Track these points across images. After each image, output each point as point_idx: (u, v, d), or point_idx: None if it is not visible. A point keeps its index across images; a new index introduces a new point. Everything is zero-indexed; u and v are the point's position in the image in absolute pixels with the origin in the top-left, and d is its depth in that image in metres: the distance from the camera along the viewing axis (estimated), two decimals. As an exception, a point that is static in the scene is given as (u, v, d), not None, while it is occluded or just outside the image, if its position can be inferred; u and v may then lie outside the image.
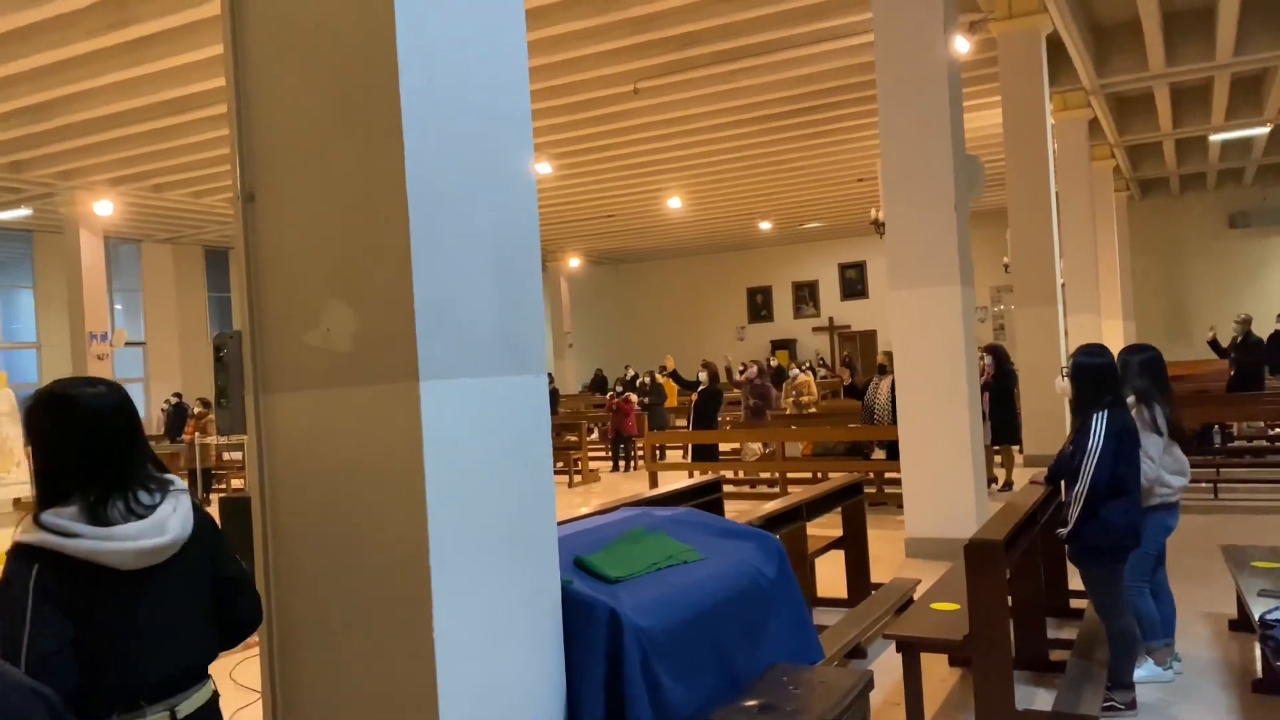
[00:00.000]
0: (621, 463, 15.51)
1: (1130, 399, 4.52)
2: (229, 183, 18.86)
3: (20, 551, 1.90)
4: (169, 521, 2.03)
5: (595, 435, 17.33)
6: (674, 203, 21.30)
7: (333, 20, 2.28)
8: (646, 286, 32.83)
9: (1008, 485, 10.76)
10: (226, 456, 15.05)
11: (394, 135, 2.19)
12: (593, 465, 15.01)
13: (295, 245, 2.37)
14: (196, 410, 15.67)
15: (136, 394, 20.64)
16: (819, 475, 11.04)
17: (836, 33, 11.69)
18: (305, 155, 2.35)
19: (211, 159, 16.40)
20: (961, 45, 9.61)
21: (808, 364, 20.79)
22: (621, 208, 22.59)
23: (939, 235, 7.45)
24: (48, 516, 1.92)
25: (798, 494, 5.93)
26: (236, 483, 13.89)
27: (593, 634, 2.58)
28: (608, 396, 16.89)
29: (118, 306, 23.03)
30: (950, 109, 7.49)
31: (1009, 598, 4.20)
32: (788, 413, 13.81)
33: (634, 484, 13.12)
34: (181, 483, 2.17)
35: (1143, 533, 4.31)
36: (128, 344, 21.12)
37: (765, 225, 26.21)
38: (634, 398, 15.95)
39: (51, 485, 1.98)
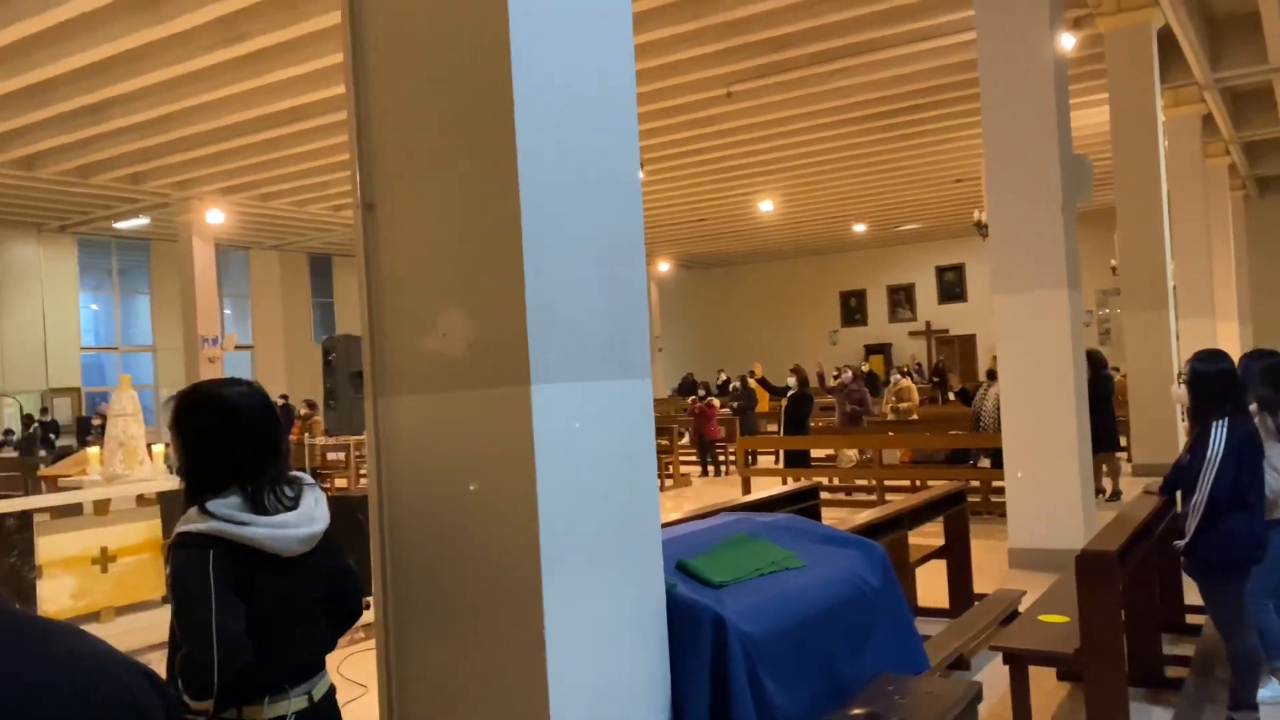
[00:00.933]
0: (710, 467, 15.47)
1: (1253, 407, 4.32)
2: (332, 191, 19.62)
3: (193, 539, 2.01)
4: (315, 511, 2.16)
5: (686, 439, 17.36)
6: (766, 205, 21.18)
7: (449, 32, 2.34)
8: (737, 290, 32.70)
9: (1115, 495, 10.40)
10: (330, 457, 15.52)
11: (507, 144, 2.24)
12: (683, 470, 15.02)
13: (412, 253, 2.44)
14: (302, 412, 16.18)
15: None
16: (918, 483, 10.84)
17: (934, 31, 11.49)
18: (422, 165, 2.42)
19: (316, 169, 16.94)
20: (1066, 42, 9.32)
21: (907, 369, 20.40)
22: (713, 211, 22.56)
23: (1045, 237, 7.25)
24: (215, 506, 2.03)
25: (899, 502, 5.84)
26: (340, 482, 14.31)
27: (698, 638, 2.59)
28: (689, 401, 16.89)
29: (227, 311, 23.97)
30: (1056, 108, 7.28)
31: (1122, 611, 4.06)
32: (887, 418, 13.59)
33: (723, 489, 13.09)
34: (309, 478, 2.27)
35: (1267, 546, 4.12)
36: (236, 347, 21.97)
37: (859, 227, 25.86)
38: (716, 402, 15.90)
39: (203, 480, 2.09)
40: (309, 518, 2.13)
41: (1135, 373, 11.74)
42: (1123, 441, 11.83)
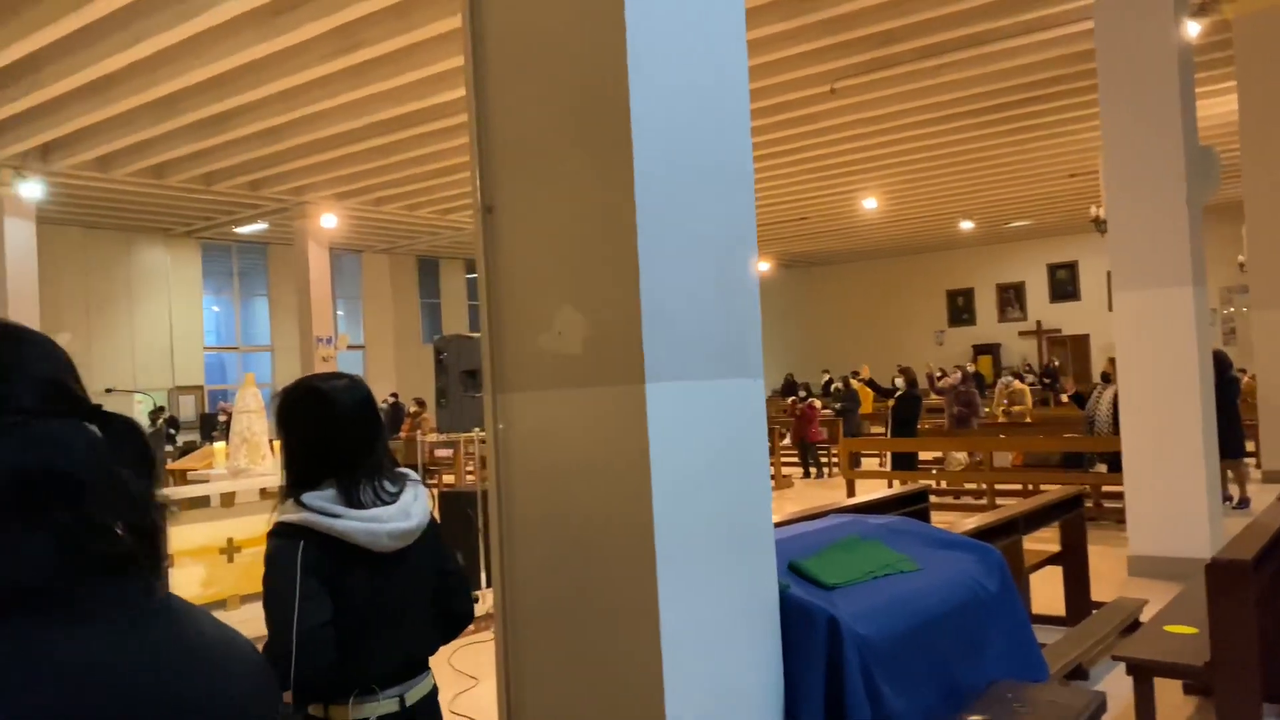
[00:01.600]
0: (811, 469, 15.30)
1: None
2: (439, 195, 20.05)
3: (286, 529, 2.03)
4: (413, 508, 2.15)
5: (787, 440, 17.21)
6: (870, 203, 20.84)
7: (567, 34, 2.38)
8: (839, 289, 32.26)
9: (1243, 502, 9.90)
10: (440, 454, 15.90)
11: (624, 145, 2.27)
12: (784, 471, 14.90)
13: (530, 253, 2.49)
14: (412, 410, 16.62)
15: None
16: (1030, 488, 10.52)
17: (1048, 22, 11.13)
18: (540, 167, 2.46)
19: (425, 173, 17.38)
20: (1191, 29, 8.92)
21: (1018, 371, 19.79)
22: (814, 210, 22.32)
23: (1169, 233, 6.95)
24: (309, 497, 2.05)
25: (1013, 506, 5.68)
26: (448, 478, 14.65)
27: (812, 640, 2.57)
28: (789, 402, 16.71)
29: (340, 312, 24.79)
30: (1181, 98, 6.98)
31: (1255, 623, 3.87)
32: (997, 420, 13.22)
33: (826, 491, 12.93)
34: (414, 474, 2.29)
35: None
36: (349, 347, 22.71)
37: (967, 224, 25.21)
38: (818, 403, 15.69)
39: (303, 471, 2.12)
40: (404, 513, 2.11)
41: (1265, 374, 11.15)
42: (1249, 447, 11.25)
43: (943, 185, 20.12)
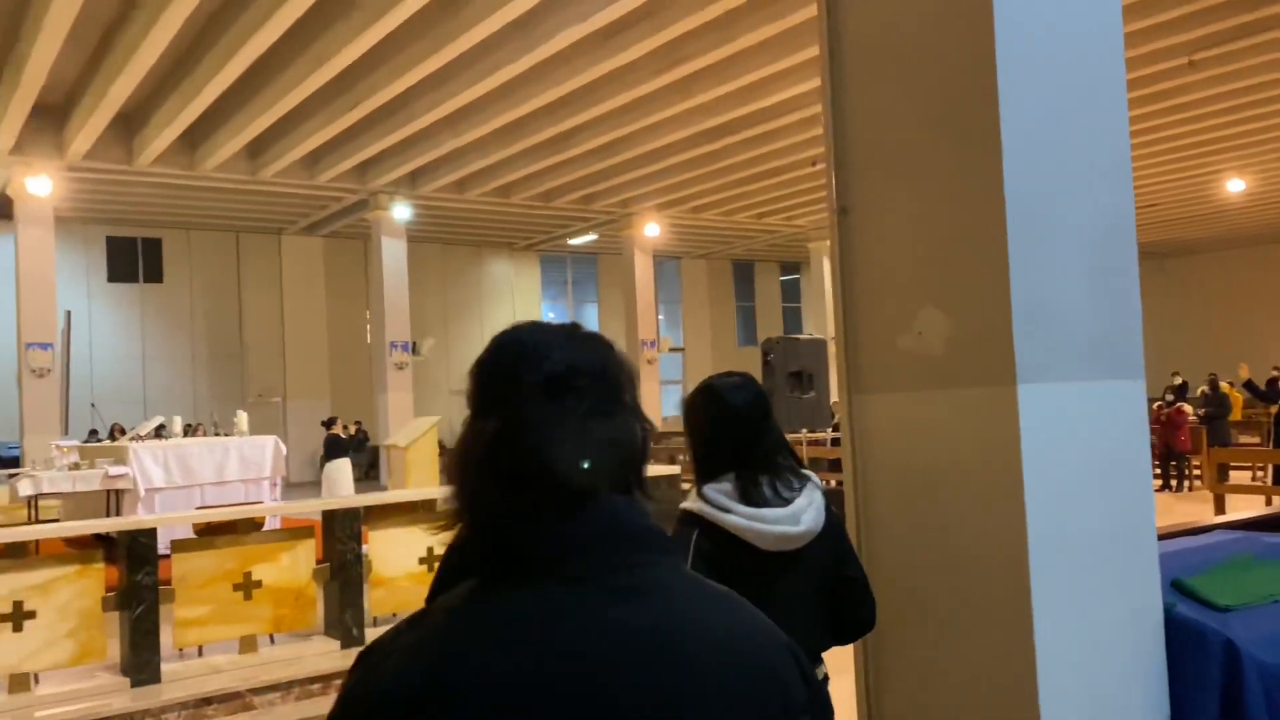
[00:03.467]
0: (1172, 481, 13.79)
1: None
2: (755, 201, 20.31)
3: (685, 517, 2.17)
4: (804, 514, 2.16)
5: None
6: (1235, 185, 18.56)
7: (930, 33, 2.35)
8: (1197, 282, 28.97)
9: None
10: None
11: (991, 141, 2.20)
12: (1139, 482, 13.54)
13: (887, 253, 2.48)
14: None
15: (674, 395, 22.93)
16: None
17: None
18: (898, 166, 2.44)
19: (740, 179, 17.73)
20: None
21: None
22: (1166, 195, 20.22)
23: None
24: (709, 489, 2.16)
25: None
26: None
27: (1204, 664, 2.34)
28: (1154, 407, 15.16)
29: (661, 317, 25.83)
30: None
31: None
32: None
33: (1189, 506, 11.65)
34: (817, 479, 2.33)
35: None
36: (670, 350, 23.63)
37: (1358, 204, 21.74)
38: (1188, 408, 14.09)
39: (706, 466, 2.24)
40: (793, 517, 2.13)
41: None
42: None
43: (1328, 160, 17.51)
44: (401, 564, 6.29)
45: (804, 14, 10.54)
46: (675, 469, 7.46)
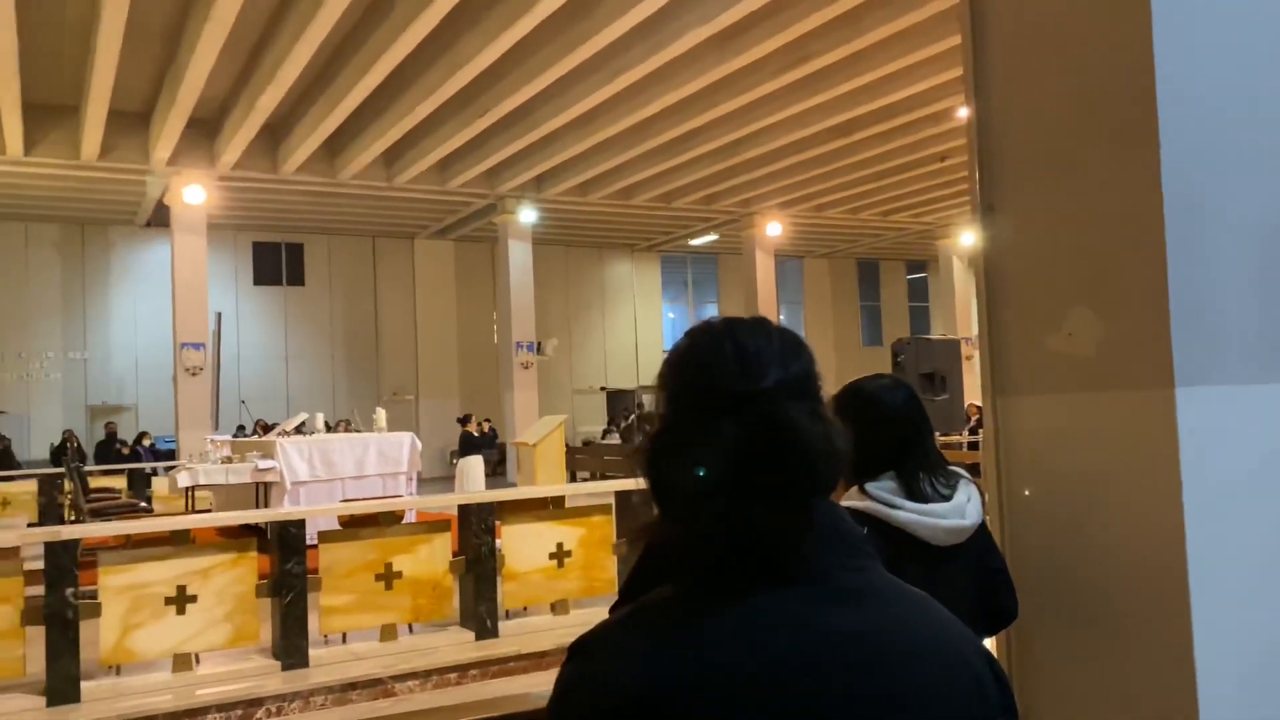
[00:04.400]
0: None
1: None
2: (882, 198, 19.94)
3: (851, 515, 2.20)
4: (967, 507, 2.19)
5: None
6: None
7: (1081, 18, 2.28)
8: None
9: None
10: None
11: (1148, 131, 2.12)
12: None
13: (1035, 250, 2.41)
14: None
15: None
16: None
17: None
18: (1047, 162, 2.38)
19: (867, 176, 17.44)
20: None
21: None
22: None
23: None
24: (872, 486, 2.17)
25: None
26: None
27: (1384, 686, 2.21)
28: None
29: (782, 317, 25.61)
30: None
31: None
32: None
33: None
34: (966, 473, 2.32)
35: None
36: (792, 350, 23.34)
37: None
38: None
39: (862, 464, 2.22)
40: (959, 511, 2.17)
41: None
42: None
43: None
44: (532, 559, 6.44)
45: (935, 6, 10.30)
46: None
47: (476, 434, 14.43)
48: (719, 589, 0.90)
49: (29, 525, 11.06)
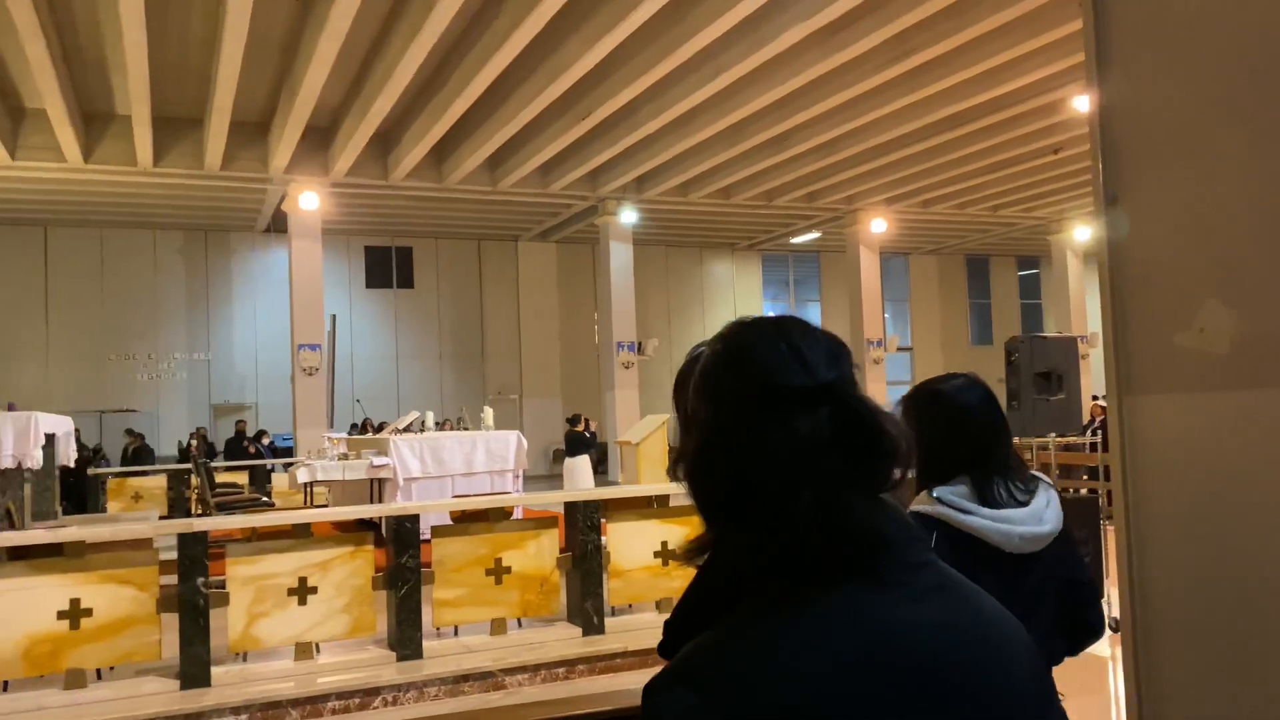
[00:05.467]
0: None
1: None
2: (990, 192, 19.41)
3: (918, 519, 2.09)
4: (1045, 513, 2.12)
5: None
6: None
7: (1211, 12, 2.19)
8: None
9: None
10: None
11: (1288, 119, 2.03)
12: None
13: (1163, 245, 2.33)
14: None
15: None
16: None
17: None
18: (1175, 149, 2.29)
19: (974, 171, 16.99)
20: None
21: None
22: None
23: None
24: (943, 491, 2.10)
25: None
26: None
27: None
28: None
29: (887, 315, 25.14)
30: None
31: None
32: None
33: None
34: (1047, 479, 2.25)
35: None
36: (898, 349, 22.96)
37: None
38: None
39: (934, 467, 2.17)
40: (1036, 517, 2.09)
41: None
42: None
43: None
44: (637, 557, 6.50)
45: (1045, -6, 9.99)
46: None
47: (585, 434, 14.60)
48: (816, 592, 0.88)
49: (159, 518, 11.66)
